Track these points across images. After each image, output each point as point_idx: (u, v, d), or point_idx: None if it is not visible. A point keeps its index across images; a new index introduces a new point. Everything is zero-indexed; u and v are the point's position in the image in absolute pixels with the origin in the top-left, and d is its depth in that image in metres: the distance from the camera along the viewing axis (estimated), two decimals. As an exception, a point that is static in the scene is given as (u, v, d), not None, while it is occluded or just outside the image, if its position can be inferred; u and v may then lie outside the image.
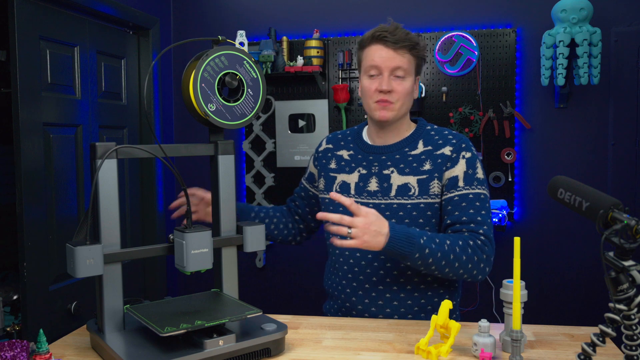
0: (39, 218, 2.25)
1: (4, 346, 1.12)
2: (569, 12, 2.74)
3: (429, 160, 1.52)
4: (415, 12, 3.17)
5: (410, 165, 1.53)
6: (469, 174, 1.48)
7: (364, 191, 1.55)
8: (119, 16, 2.80)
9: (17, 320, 2.40)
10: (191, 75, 1.26)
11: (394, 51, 1.49)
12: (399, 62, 1.49)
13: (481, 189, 1.48)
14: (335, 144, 1.68)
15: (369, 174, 1.56)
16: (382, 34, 1.49)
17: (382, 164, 1.56)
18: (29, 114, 2.21)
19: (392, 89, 1.49)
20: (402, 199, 1.51)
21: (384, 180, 1.54)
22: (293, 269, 3.37)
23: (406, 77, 1.51)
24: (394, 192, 1.51)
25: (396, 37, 1.48)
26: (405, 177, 1.51)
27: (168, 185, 3.30)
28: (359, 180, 1.57)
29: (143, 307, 1.25)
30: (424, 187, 1.50)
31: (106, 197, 1.21)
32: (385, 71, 1.49)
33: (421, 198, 1.50)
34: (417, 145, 1.55)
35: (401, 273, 1.51)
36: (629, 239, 0.86)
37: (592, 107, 3.03)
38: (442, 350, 1.19)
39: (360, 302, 1.54)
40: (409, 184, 1.51)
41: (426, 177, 1.50)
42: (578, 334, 1.35)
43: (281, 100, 3.32)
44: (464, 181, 1.48)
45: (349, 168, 1.61)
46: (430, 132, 1.58)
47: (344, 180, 1.60)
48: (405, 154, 1.55)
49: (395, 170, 1.53)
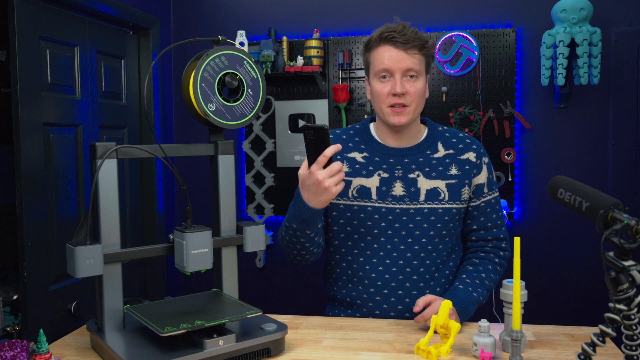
0: (39, 218, 2.25)
1: (4, 346, 1.12)
2: (569, 12, 2.74)
3: (454, 164, 1.53)
4: (415, 12, 3.17)
5: (436, 169, 1.52)
6: (490, 180, 1.57)
7: (389, 196, 1.52)
8: (119, 16, 2.80)
9: (17, 320, 2.40)
10: (191, 75, 1.26)
11: (404, 52, 1.45)
12: (411, 63, 1.45)
13: (497, 191, 1.60)
14: (342, 146, 1.60)
15: (391, 177, 1.52)
16: (390, 35, 1.45)
17: (405, 168, 1.52)
18: (29, 114, 2.21)
19: (406, 91, 1.46)
20: (433, 204, 1.50)
21: (410, 184, 1.51)
22: (293, 269, 3.37)
23: (418, 77, 1.48)
24: (422, 196, 1.50)
25: (405, 36, 1.44)
26: (433, 182, 1.51)
27: (168, 185, 3.30)
28: (381, 185, 1.52)
29: (143, 307, 1.25)
30: (455, 193, 1.51)
31: (106, 197, 1.21)
32: (397, 73, 1.46)
33: (453, 203, 1.51)
34: (438, 148, 1.55)
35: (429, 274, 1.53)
36: (629, 239, 0.86)
37: (592, 107, 3.03)
38: (442, 350, 1.19)
39: (392, 309, 1.52)
40: (438, 188, 1.51)
41: (455, 183, 1.51)
42: (578, 334, 1.35)
43: (281, 100, 3.32)
44: (488, 187, 1.57)
45: (366, 171, 1.55)
46: (445, 134, 1.58)
47: (362, 185, 1.54)
48: (428, 157, 1.53)
49: (422, 174, 1.51)
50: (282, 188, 3.34)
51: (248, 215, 3.38)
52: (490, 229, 1.57)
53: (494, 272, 1.55)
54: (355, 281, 1.55)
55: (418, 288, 1.52)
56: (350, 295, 1.57)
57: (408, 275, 1.51)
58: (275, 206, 3.35)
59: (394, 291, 1.51)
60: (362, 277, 1.54)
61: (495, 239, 1.58)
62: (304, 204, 1.37)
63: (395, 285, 1.51)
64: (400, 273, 1.50)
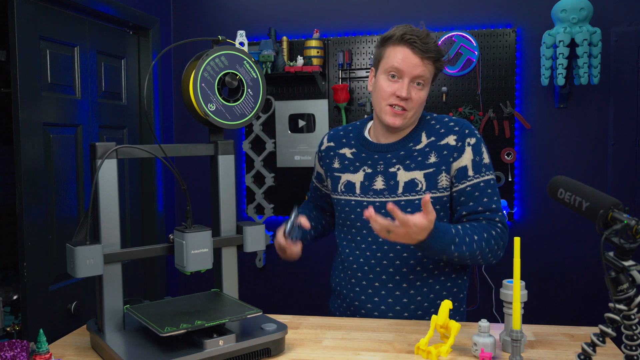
0: (39, 218, 2.25)
1: (4, 346, 1.12)
2: (569, 12, 2.74)
3: (433, 152, 1.50)
4: (415, 12, 3.17)
5: (416, 160, 1.51)
6: (476, 162, 1.48)
7: (370, 190, 1.54)
8: (119, 16, 2.80)
9: (17, 320, 2.40)
10: (191, 75, 1.26)
11: (420, 58, 1.45)
12: (422, 72, 1.46)
13: (490, 174, 1.50)
14: (336, 142, 1.66)
15: (374, 172, 1.55)
16: (412, 38, 1.44)
17: (387, 162, 1.54)
18: (29, 114, 2.21)
19: (410, 97, 1.46)
20: (410, 195, 1.49)
21: (390, 178, 1.52)
22: (293, 269, 3.37)
23: (425, 86, 1.49)
24: (400, 189, 1.50)
25: (427, 45, 1.44)
26: (412, 173, 1.50)
27: (168, 185, 3.30)
28: (364, 180, 1.55)
29: (143, 307, 1.25)
30: (432, 181, 1.49)
31: (106, 197, 1.21)
32: (406, 77, 1.46)
33: (429, 193, 1.48)
34: (421, 139, 1.54)
35: (410, 270, 1.51)
36: (629, 239, 0.86)
37: (592, 107, 3.03)
38: (442, 350, 1.19)
39: (369, 300, 1.54)
40: (416, 179, 1.50)
41: (433, 171, 1.49)
42: (578, 334, 1.35)
43: (281, 100, 3.32)
44: (473, 170, 1.48)
45: (353, 167, 1.59)
46: (431, 121, 1.57)
47: (349, 180, 1.58)
48: (410, 150, 1.53)
49: (402, 167, 1.52)
50: (282, 188, 3.33)
51: (248, 215, 3.38)
52: (482, 212, 1.46)
53: (488, 240, 1.42)
54: (348, 272, 1.59)
55: (404, 276, 1.52)
56: (340, 285, 1.62)
57: (394, 267, 1.52)
58: (275, 206, 3.35)
59: (372, 282, 1.54)
60: (347, 267, 1.59)
61: (489, 219, 1.46)
62: None
63: (372, 277, 1.54)
64: (378, 265, 1.52)
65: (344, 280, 1.61)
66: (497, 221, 1.46)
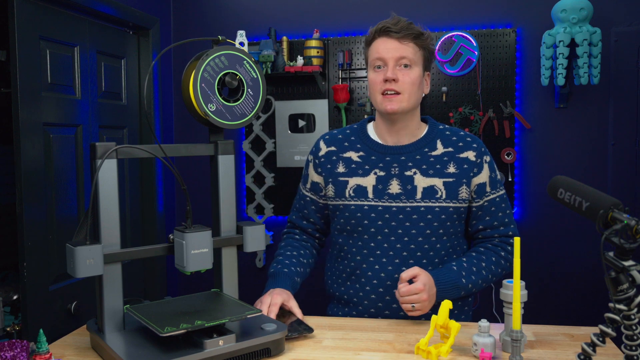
0: (39, 218, 2.25)
1: (4, 346, 1.12)
2: (569, 12, 2.74)
3: (452, 162, 1.52)
4: (415, 12, 3.17)
5: (434, 167, 1.51)
6: (492, 178, 1.55)
7: (385, 194, 1.52)
8: (119, 16, 2.80)
9: (17, 320, 2.40)
10: (191, 75, 1.26)
11: (398, 41, 1.48)
12: (403, 52, 1.48)
13: (503, 189, 1.58)
14: (338, 146, 1.61)
15: (388, 175, 1.53)
16: (384, 26, 1.50)
17: (402, 165, 1.52)
18: (29, 114, 2.21)
19: (398, 78, 1.48)
20: (430, 202, 1.50)
21: (406, 182, 1.51)
22: (293, 269, 3.36)
23: (412, 66, 1.50)
24: (419, 194, 1.50)
25: (398, 26, 1.48)
26: (430, 179, 1.50)
27: (168, 185, 3.30)
28: (377, 183, 1.53)
29: (143, 307, 1.25)
30: (452, 191, 1.50)
31: (106, 197, 1.21)
32: (390, 61, 1.49)
33: (450, 202, 1.50)
34: (436, 146, 1.54)
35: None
36: (629, 239, 0.86)
37: (592, 107, 3.03)
38: (442, 350, 1.19)
39: (387, 307, 1.52)
40: (435, 186, 1.50)
41: (453, 181, 1.50)
42: (578, 334, 1.35)
43: (281, 100, 3.32)
44: (490, 186, 1.54)
45: (363, 170, 1.55)
46: (445, 132, 1.58)
47: (359, 184, 1.54)
48: (426, 155, 1.53)
49: (419, 172, 1.51)
50: (282, 188, 3.33)
51: (248, 215, 3.38)
52: (497, 227, 1.55)
53: (496, 264, 1.53)
54: (353, 279, 1.56)
55: None
56: (347, 293, 1.58)
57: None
58: (275, 206, 3.35)
59: (390, 290, 1.51)
60: (359, 275, 1.55)
61: (503, 235, 1.56)
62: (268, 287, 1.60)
63: (390, 284, 1.51)
64: (396, 272, 1.50)
65: (352, 288, 1.56)
66: (510, 235, 1.56)
